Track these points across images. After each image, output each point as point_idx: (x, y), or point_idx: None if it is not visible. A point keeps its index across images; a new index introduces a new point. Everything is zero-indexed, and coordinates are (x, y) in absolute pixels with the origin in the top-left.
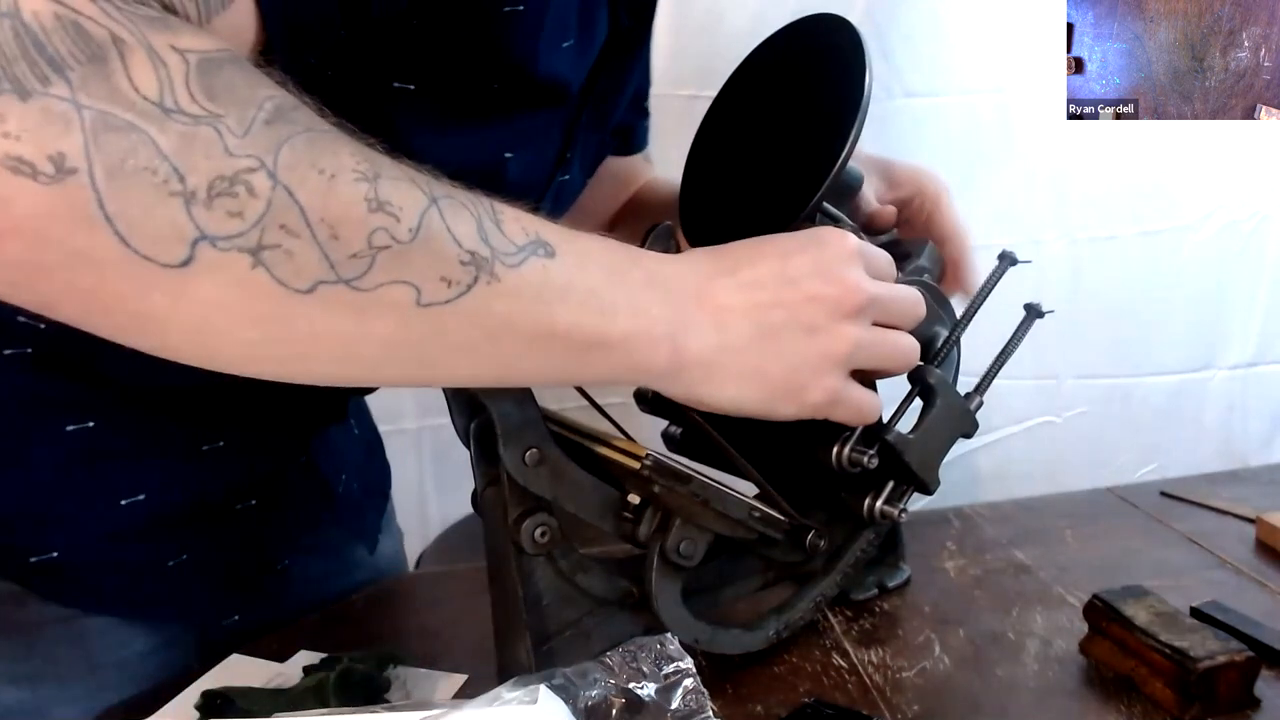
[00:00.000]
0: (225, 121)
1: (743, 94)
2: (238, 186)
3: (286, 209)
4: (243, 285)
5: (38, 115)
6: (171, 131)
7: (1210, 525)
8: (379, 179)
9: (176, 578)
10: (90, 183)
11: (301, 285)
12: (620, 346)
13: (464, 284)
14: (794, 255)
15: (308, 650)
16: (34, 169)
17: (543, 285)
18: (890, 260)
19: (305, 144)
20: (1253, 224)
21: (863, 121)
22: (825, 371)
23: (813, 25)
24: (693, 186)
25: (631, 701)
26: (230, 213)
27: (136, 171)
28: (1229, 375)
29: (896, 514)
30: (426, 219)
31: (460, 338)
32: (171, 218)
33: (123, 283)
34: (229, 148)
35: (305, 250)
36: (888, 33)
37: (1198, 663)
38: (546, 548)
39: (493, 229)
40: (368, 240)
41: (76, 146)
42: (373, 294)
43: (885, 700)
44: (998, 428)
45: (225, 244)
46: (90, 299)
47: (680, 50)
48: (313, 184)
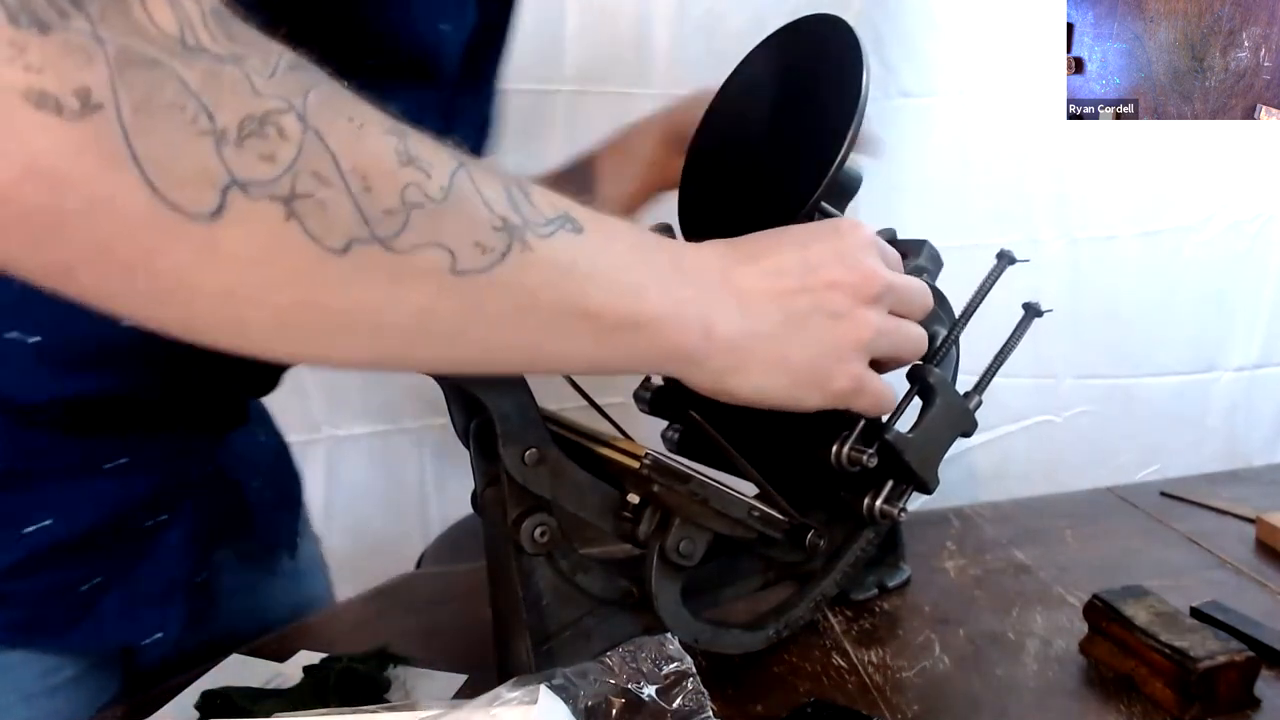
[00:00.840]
0: (250, 62)
1: (742, 93)
2: (268, 127)
3: (319, 154)
4: (276, 239)
5: (59, 47)
6: (197, 68)
7: (1210, 525)
8: (407, 135)
9: (90, 601)
10: (117, 118)
11: (336, 243)
12: (651, 327)
13: (498, 251)
14: (813, 243)
15: (308, 650)
16: (58, 103)
17: (574, 260)
18: (895, 253)
19: (331, 92)
20: (1257, 225)
21: (860, 121)
22: (849, 358)
23: (811, 26)
24: (692, 186)
25: (631, 701)
26: (262, 155)
27: (164, 108)
28: (1234, 377)
29: (896, 513)
30: (457, 179)
31: (494, 310)
32: (201, 159)
33: (148, 235)
34: (256, 87)
35: (339, 201)
36: (886, 33)
37: (1198, 663)
38: (546, 547)
39: (522, 199)
40: (400, 195)
41: (102, 79)
42: (407, 257)
43: (885, 700)
44: (996, 426)
45: (258, 190)
46: (110, 256)
47: (680, 50)
48: (343, 130)
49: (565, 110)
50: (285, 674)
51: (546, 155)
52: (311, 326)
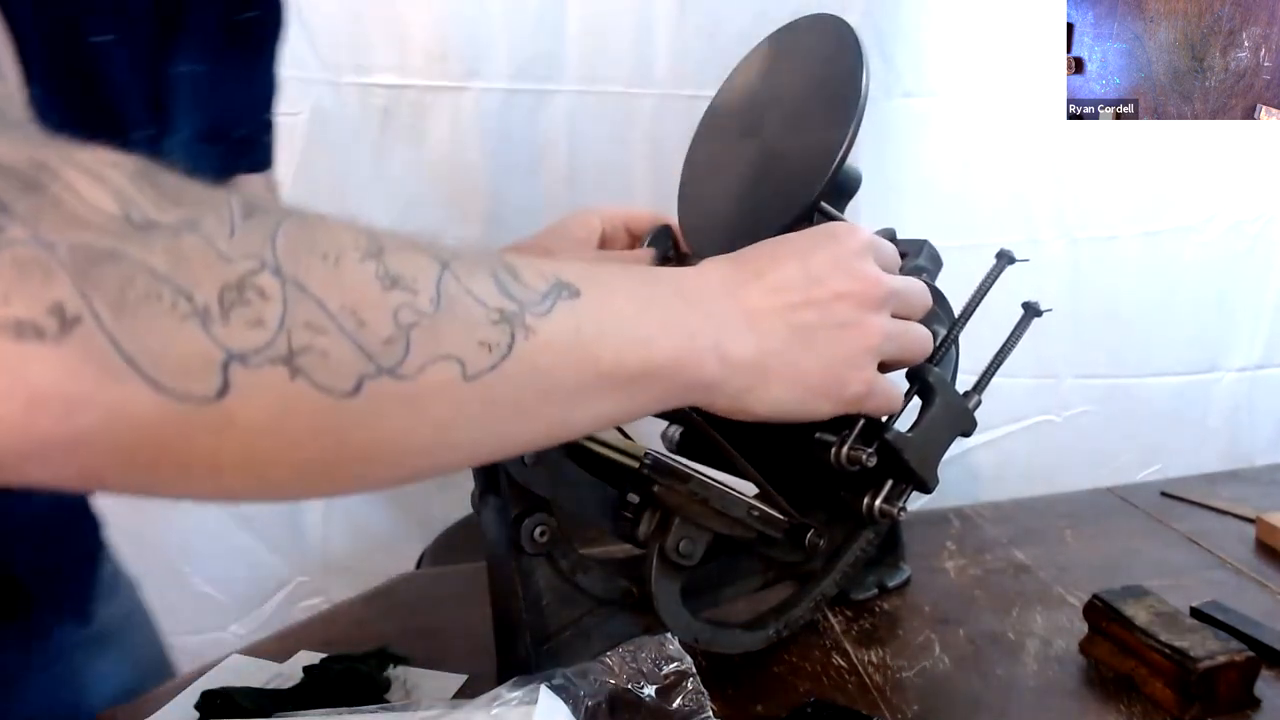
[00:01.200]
0: (206, 224)
1: (742, 93)
2: (248, 292)
3: (305, 305)
4: (287, 400)
5: (11, 269)
6: (157, 248)
7: (1210, 525)
8: (383, 253)
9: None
10: (99, 326)
11: (346, 386)
12: (668, 369)
13: (504, 345)
14: (814, 253)
15: (308, 650)
16: (37, 328)
17: (578, 328)
18: (893, 250)
19: (296, 230)
20: (1258, 225)
21: (860, 121)
22: (860, 364)
23: (811, 26)
24: (692, 186)
25: (631, 701)
26: (250, 323)
27: (141, 301)
28: (1236, 378)
29: (896, 513)
30: (443, 285)
31: (512, 402)
32: (194, 344)
33: (164, 430)
34: (223, 252)
35: (338, 344)
36: (887, 33)
37: (1198, 663)
38: (546, 547)
39: (511, 281)
40: (394, 320)
41: (69, 290)
42: (418, 379)
43: (885, 700)
44: (997, 426)
45: (257, 358)
46: (134, 458)
47: (680, 50)
48: (320, 271)
49: (565, 110)
50: (285, 674)
51: (547, 155)
52: (337, 470)
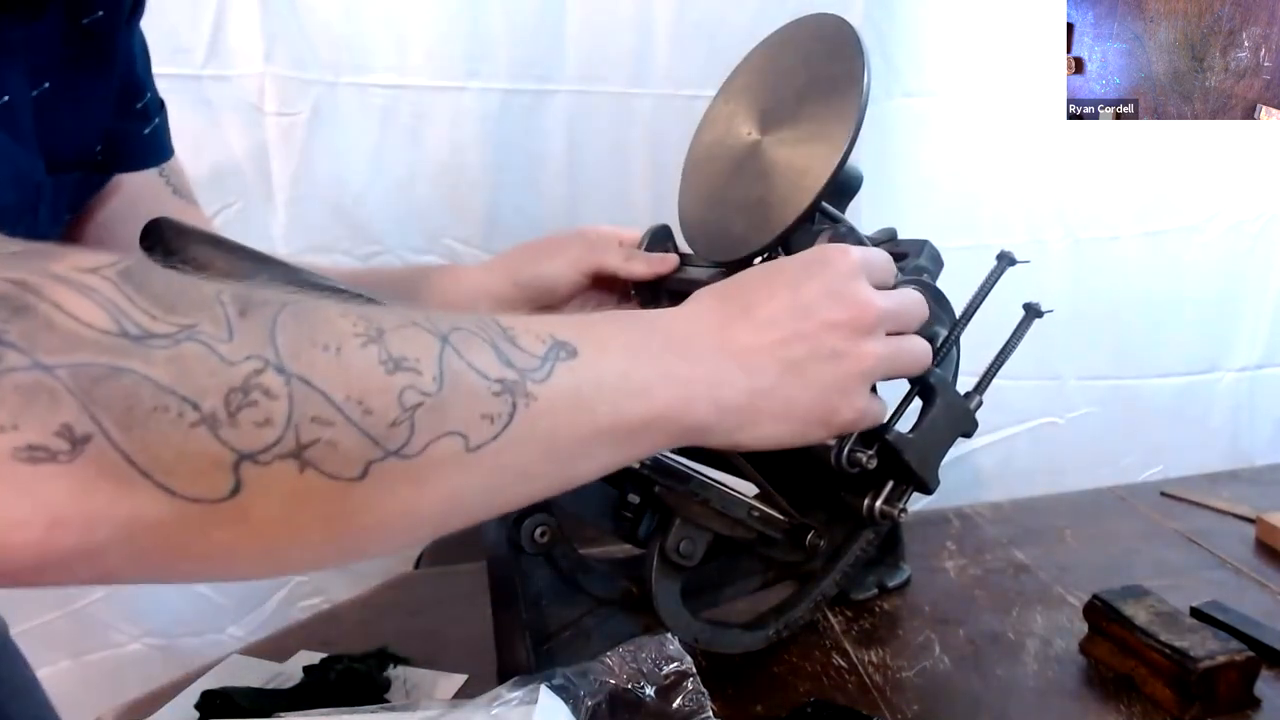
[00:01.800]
0: (203, 329)
1: (742, 94)
2: (253, 393)
3: (311, 400)
4: (298, 492)
5: (15, 396)
6: (158, 360)
7: (1210, 525)
8: (383, 335)
9: None
10: (109, 443)
11: (354, 473)
12: (663, 419)
13: (505, 415)
14: (803, 282)
15: (308, 650)
16: (49, 450)
17: (576, 389)
18: (887, 259)
19: (293, 323)
20: (1259, 225)
21: (861, 121)
22: (851, 391)
23: (812, 25)
24: (692, 186)
25: (631, 701)
26: (258, 423)
27: (148, 415)
28: (1236, 377)
29: (896, 513)
30: (445, 361)
31: (516, 467)
32: (204, 449)
33: (182, 533)
34: (224, 355)
35: (345, 434)
36: (887, 32)
37: (1198, 663)
38: (546, 547)
39: (510, 348)
40: (400, 403)
41: (76, 411)
42: (423, 457)
43: (885, 700)
44: (999, 428)
45: (266, 455)
46: (153, 559)
47: (680, 50)
48: (323, 364)
49: (565, 110)
50: (285, 674)
51: (546, 155)
52: (346, 546)
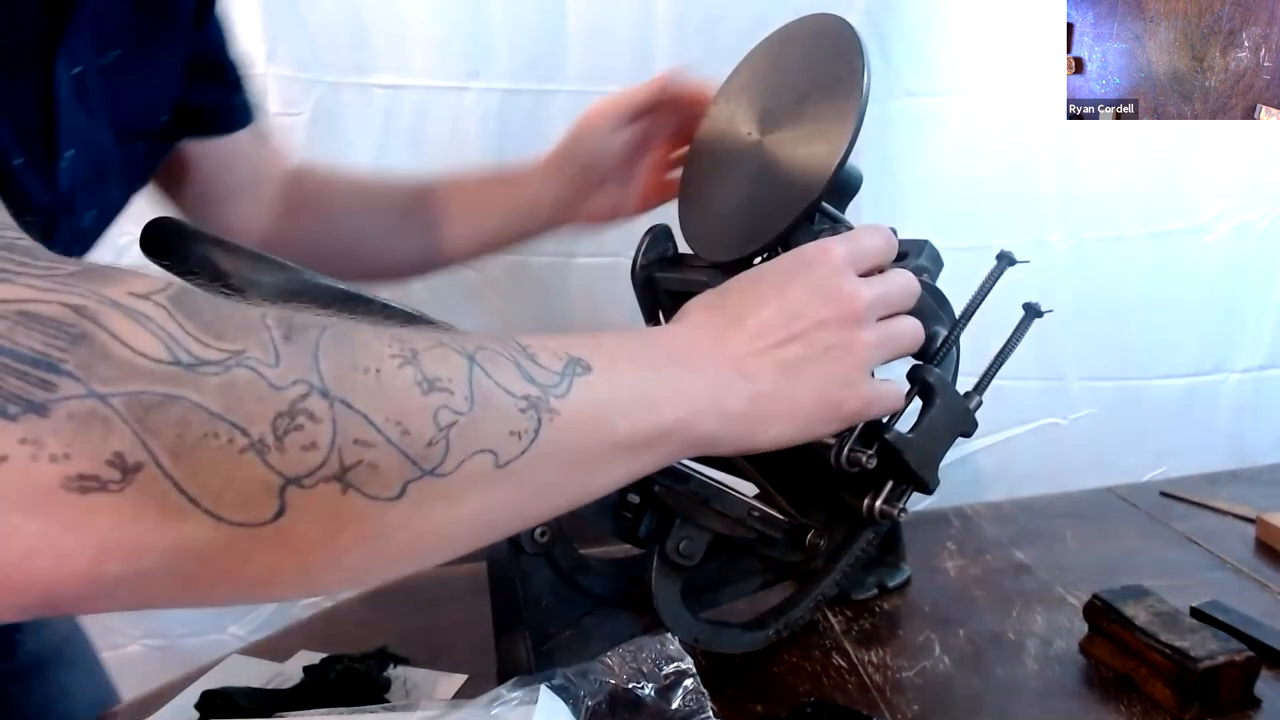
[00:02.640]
0: (251, 355)
1: (743, 94)
2: (299, 418)
3: (353, 422)
4: (339, 514)
5: (69, 424)
6: (208, 387)
7: (1210, 525)
8: (417, 356)
9: None
10: (160, 472)
11: (392, 493)
12: (675, 431)
13: (531, 431)
14: (789, 287)
15: (308, 650)
16: (100, 480)
17: (595, 404)
18: (880, 238)
19: (335, 346)
20: (1264, 226)
21: (861, 121)
22: (852, 382)
23: (812, 25)
24: (692, 186)
25: (631, 701)
26: (304, 447)
27: (199, 442)
28: (1241, 378)
29: (896, 513)
30: (475, 381)
31: (541, 483)
32: (252, 475)
33: (226, 558)
34: (272, 381)
35: (385, 455)
36: (888, 32)
37: (1198, 663)
38: (546, 547)
39: (531, 366)
40: (435, 423)
41: (128, 440)
42: (457, 474)
43: (885, 700)
44: (1001, 428)
45: (311, 480)
46: (196, 584)
47: (680, 50)
48: (364, 387)
49: (565, 110)
50: (285, 674)
51: None
52: (381, 565)
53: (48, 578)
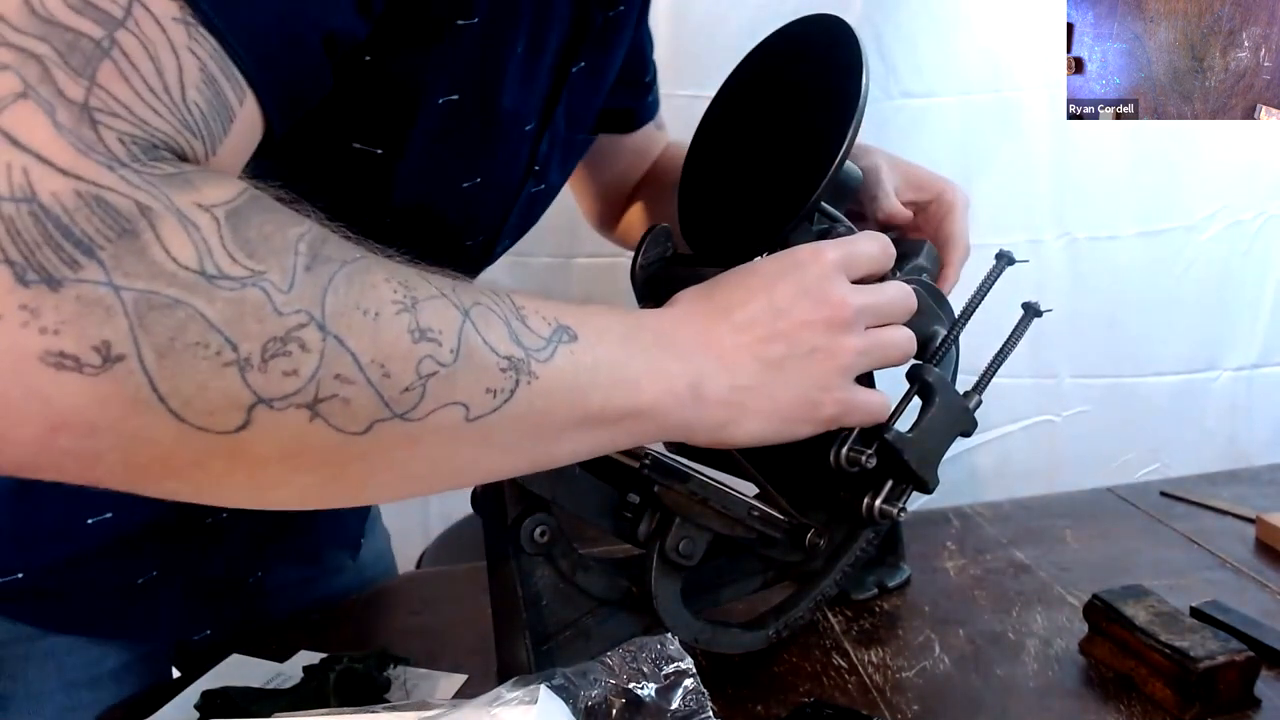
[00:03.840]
0: (269, 278)
1: (741, 94)
2: (290, 345)
3: (340, 358)
4: (301, 438)
5: (74, 305)
6: (219, 300)
7: (1210, 525)
8: (417, 305)
9: (146, 595)
10: (140, 367)
11: (358, 428)
12: (648, 412)
13: (508, 390)
14: (777, 285)
15: (308, 650)
16: (78, 361)
17: (574, 372)
18: (878, 246)
19: (346, 284)
20: (1258, 224)
21: (859, 121)
22: (832, 386)
23: (811, 25)
24: (691, 186)
25: (631, 701)
26: (286, 372)
27: (187, 348)
28: (1233, 376)
29: (896, 513)
30: (464, 336)
31: (508, 441)
32: (227, 388)
33: (179, 456)
34: (278, 306)
35: (360, 395)
36: (886, 33)
37: (1198, 663)
38: (546, 547)
39: (521, 328)
40: (416, 371)
41: (122, 332)
42: (425, 421)
43: (885, 700)
44: (997, 426)
45: (282, 404)
46: (143, 474)
47: (680, 50)
48: (360, 327)
49: None
50: (285, 674)
51: None
52: (334, 494)
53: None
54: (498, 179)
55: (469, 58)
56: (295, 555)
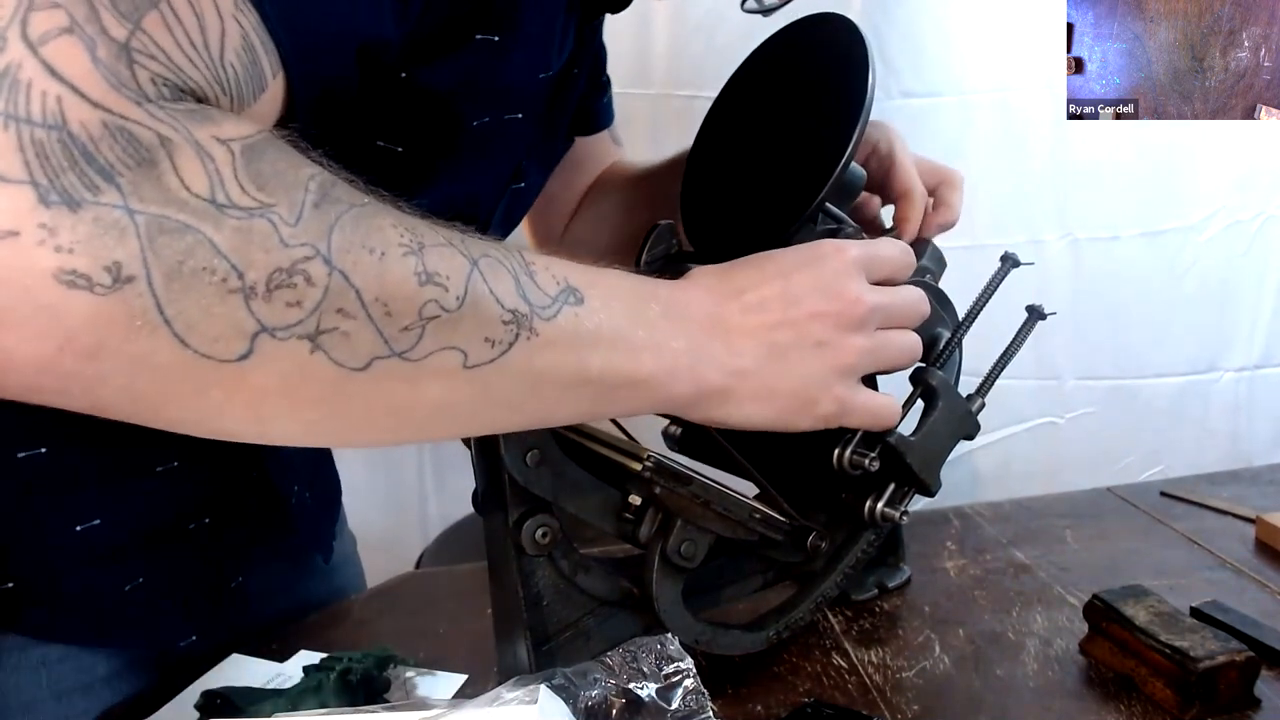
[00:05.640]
0: (277, 210)
1: (744, 94)
2: (295, 276)
3: (344, 293)
4: (301, 370)
5: (90, 225)
6: (227, 228)
7: (1210, 525)
8: (424, 249)
9: (133, 602)
10: (149, 288)
11: (357, 364)
12: (647, 383)
13: (506, 342)
14: (795, 274)
15: (308, 650)
16: (90, 280)
17: (576, 333)
18: (898, 251)
19: (353, 223)
20: (1258, 224)
21: (866, 121)
22: (834, 383)
23: (814, 25)
24: (694, 186)
25: (631, 701)
26: (289, 303)
27: (195, 273)
28: (1235, 377)
29: (898, 516)
30: (471, 284)
31: (504, 393)
32: (231, 315)
33: (181, 382)
34: (284, 238)
35: (362, 329)
36: (885, 33)
37: (1198, 663)
38: (547, 548)
39: (529, 283)
40: (419, 313)
41: (133, 253)
42: (423, 362)
43: (885, 700)
44: (999, 428)
45: (284, 333)
46: (145, 400)
47: (680, 50)
48: (366, 265)
49: None
50: (285, 674)
51: None
52: (333, 430)
53: (5, 356)
54: (491, 178)
55: (503, 79)
56: (274, 560)
